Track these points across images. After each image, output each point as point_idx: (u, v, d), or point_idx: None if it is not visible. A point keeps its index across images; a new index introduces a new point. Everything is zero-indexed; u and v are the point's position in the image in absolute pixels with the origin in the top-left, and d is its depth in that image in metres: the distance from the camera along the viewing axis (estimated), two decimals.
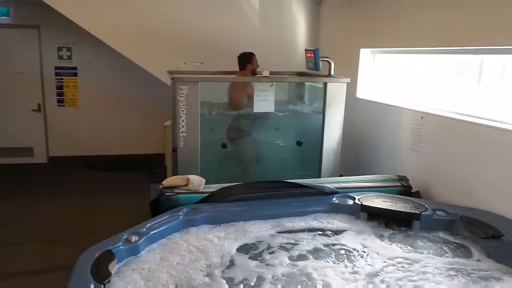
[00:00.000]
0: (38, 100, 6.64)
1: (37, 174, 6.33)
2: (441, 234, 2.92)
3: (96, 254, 2.33)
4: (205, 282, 2.33)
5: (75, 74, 6.67)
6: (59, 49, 6.55)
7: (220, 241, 2.77)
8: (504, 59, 3.33)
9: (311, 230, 2.98)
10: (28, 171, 6.39)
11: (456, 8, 3.46)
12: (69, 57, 6.61)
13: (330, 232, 2.96)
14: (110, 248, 2.42)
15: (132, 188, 5.63)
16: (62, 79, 6.64)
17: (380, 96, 4.63)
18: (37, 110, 6.64)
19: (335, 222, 3.10)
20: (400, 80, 4.48)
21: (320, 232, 2.95)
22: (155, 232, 2.71)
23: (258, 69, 4.58)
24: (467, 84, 3.70)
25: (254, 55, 4.67)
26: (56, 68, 6.60)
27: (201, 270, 2.45)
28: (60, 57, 6.58)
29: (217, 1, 5.59)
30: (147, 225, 2.74)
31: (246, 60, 4.63)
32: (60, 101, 6.71)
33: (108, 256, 2.35)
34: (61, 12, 5.14)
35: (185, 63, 5.47)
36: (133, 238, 2.57)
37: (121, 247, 2.48)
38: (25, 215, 4.79)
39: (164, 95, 5.91)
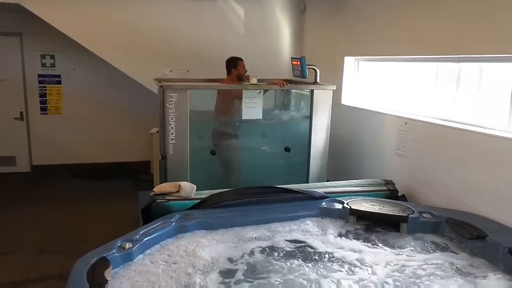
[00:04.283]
0: (21, 108, 6.53)
1: (20, 183, 6.21)
2: (428, 236, 3.01)
3: (91, 261, 2.33)
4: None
5: (59, 82, 6.59)
6: (42, 56, 6.47)
7: (212, 246, 2.80)
8: (481, 66, 3.48)
9: (302, 233, 3.03)
10: (10, 180, 6.26)
11: (436, 19, 3.60)
12: (53, 65, 6.53)
13: (320, 236, 3.02)
14: (104, 255, 2.42)
15: (118, 196, 5.60)
16: (45, 87, 6.55)
17: (365, 103, 4.74)
18: (19, 119, 6.54)
19: (324, 226, 3.16)
20: (384, 86, 4.60)
21: (311, 236, 3.01)
22: (148, 239, 2.72)
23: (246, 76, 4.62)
24: (446, 91, 3.84)
25: (241, 60, 4.68)
26: (39, 75, 6.51)
27: (194, 275, 2.47)
28: (43, 65, 6.50)
29: (203, 9, 5.64)
30: (140, 232, 2.75)
31: (232, 65, 4.66)
32: (44, 109, 6.62)
33: (103, 263, 2.35)
34: (44, 19, 5.11)
35: (171, 71, 5.50)
36: (127, 245, 2.59)
37: (115, 254, 2.49)
38: (9, 224, 4.70)
39: (149, 103, 5.93)
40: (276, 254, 2.77)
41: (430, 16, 3.68)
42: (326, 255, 2.77)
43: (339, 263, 2.69)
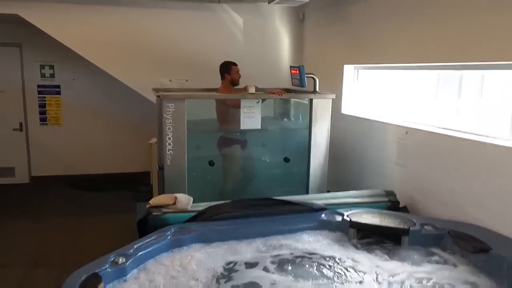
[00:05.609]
0: (20, 119, 6.52)
1: (18, 195, 6.17)
2: (430, 249, 2.93)
3: (83, 278, 2.27)
4: None
5: (58, 92, 6.58)
6: (42, 67, 6.47)
7: (209, 260, 2.74)
8: (483, 74, 3.42)
9: (300, 246, 2.96)
10: (9, 192, 6.22)
11: (437, 25, 3.55)
12: (52, 75, 6.53)
13: (318, 249, 2.95)
14: (96, 271, 2.36)
15: (117, 207, 5.55)
16: (44, 97, 6.55)
17: (365, 112, 4.68)
18: (18, 129, 6.52)
19: (324, 239, 3.09)
20: (384, 95, 4.54)
21: (310, 249, 2.93)
22: (142, 253, 2.65)
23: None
24: (448, 99, 3.78)
25: (234, 64, 4.60)
26: (39, 86, 6.51)
27: None
28: (43, 75, 6.50)
29: (202, 19, 5.62)
30: (134, 246, 2.68)
31: (225, 70, 4.59)
32: (43, 120, 6.61)
33: (95, 279, 2.28)
34: (43, 30, 5.12)
35: (170, 81, 5.47)
36: (120, 260, 2.51)
37: (107, 269, 2.41)
38: (5, 236, 4.66)
39: (148, 113, 5.90)
40: (273, 268, 2.69)
41: (430, 23, 3.63)
42: (324, 269, 2.70)
43: (338, 277, 2.61)
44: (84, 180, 6.66)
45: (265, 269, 2.68)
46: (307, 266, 2.74)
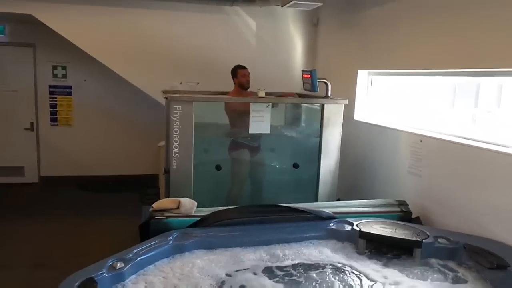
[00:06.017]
0: (31, 119, 6.54)
1: (27, 194, 6.18)
2: (443, 263, 2.78)
3: (77, 282, 2.18)
4: None
5: (70, 93, 6.60)
6: (54, 67, 6.50)
7: (211, 267, 2.64)
8: (501, 83, 3.27)
9: (306, 256, 2.84)
10: (18, 191, 6.23)
11: (453, 31, 3.42)
12: (64, 76, 6.55)
13: (325, 260, 2.82)
14: (93, 275, 2.28)
15: (125, 209, 5.49)
16: (56, 97, 6.57)
17: (378, 118, 4.55)
18: (29, 129, 6.54)
19: (331, 249, 2.96)
20: (398, 102, 4.41)
21: (316, 259, 2.81)
22: (142, 258, 2.57)
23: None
24: (464, 107, 3.63)
25: (241, 68, 4.54)
26: (51, 86, 6.54)
27: None
28: (55, 76, 6.53)
29: (215, 21, 5.58)
30: (134, 251, 2.60)
31: (232, 74, 4.57)
32: (54, 120, 6.63)
33: (90, 285, 2.20)
34: (57, 31, 5.13)
35: (181, 83, 5.41)
36: (118, 265, 2.43)
37: (104, 274, 2.33)
38: (12, 237, 4.64)
39: (159, 115, 5.84)
40: (277, 277, 2.59)
41: (446, 29, 3.49)
42: (330, 280, 2.58)
43: None
44: (92, 181, 6.64)
45: (268, 277, 2.58)
46: (312, 275, 2.62)
